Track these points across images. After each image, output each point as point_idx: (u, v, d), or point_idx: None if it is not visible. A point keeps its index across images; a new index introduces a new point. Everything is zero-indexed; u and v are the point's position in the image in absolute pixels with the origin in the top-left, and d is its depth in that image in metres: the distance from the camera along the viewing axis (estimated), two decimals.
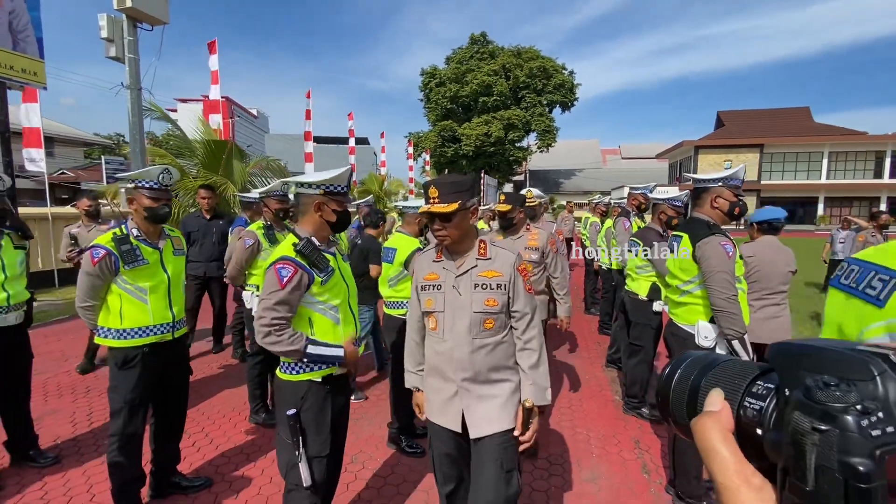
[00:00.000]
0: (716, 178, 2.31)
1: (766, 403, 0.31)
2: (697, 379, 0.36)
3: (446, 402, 1.65)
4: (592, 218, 6.52)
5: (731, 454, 0.30)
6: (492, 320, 1.61)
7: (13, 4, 6.20)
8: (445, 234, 1.60)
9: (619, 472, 2.60)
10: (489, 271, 1.62)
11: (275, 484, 2.46)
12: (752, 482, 0.29)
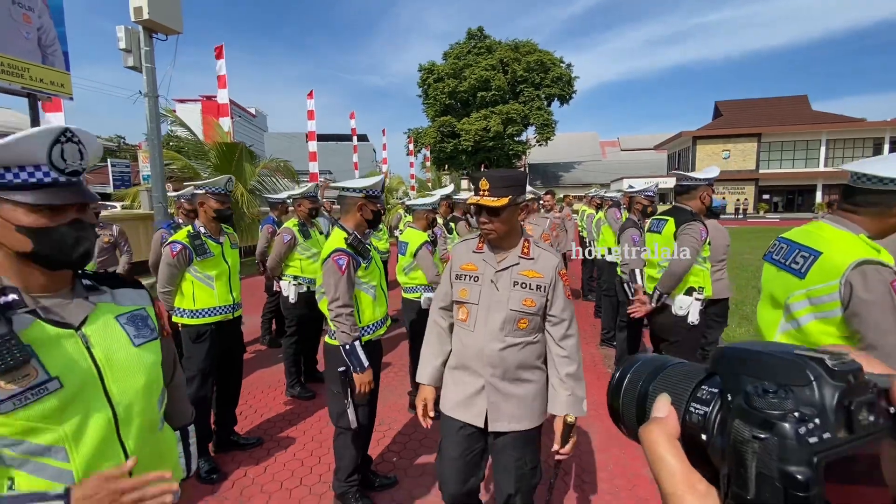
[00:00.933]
0: (706, 179, 2.76)
1: (710, 408, 0.30)
2: (645, 384, 0.36)
3: (471, 397, 1.63)
4: (588, 210, 6.96)
5: (678, 461, 0.30)
6: (526, 321, 1.59)
7: (41, 21, 6.61)
8: (492, 227, 1.58)
9: (609, 427, 3.03)
10: (531, 271, 1.60)
11: (315, 441, 2.91)
12: (698, 489, 0.29)
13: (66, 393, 0.84)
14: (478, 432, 1.64)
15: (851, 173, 1.46)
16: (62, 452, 0.84)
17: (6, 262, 0.85)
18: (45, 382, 0.81)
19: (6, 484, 0.81)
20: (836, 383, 0.25)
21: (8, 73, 6.19)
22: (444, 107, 34.96)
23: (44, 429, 0.82)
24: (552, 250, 1.68)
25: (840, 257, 1.37)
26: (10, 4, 6.27)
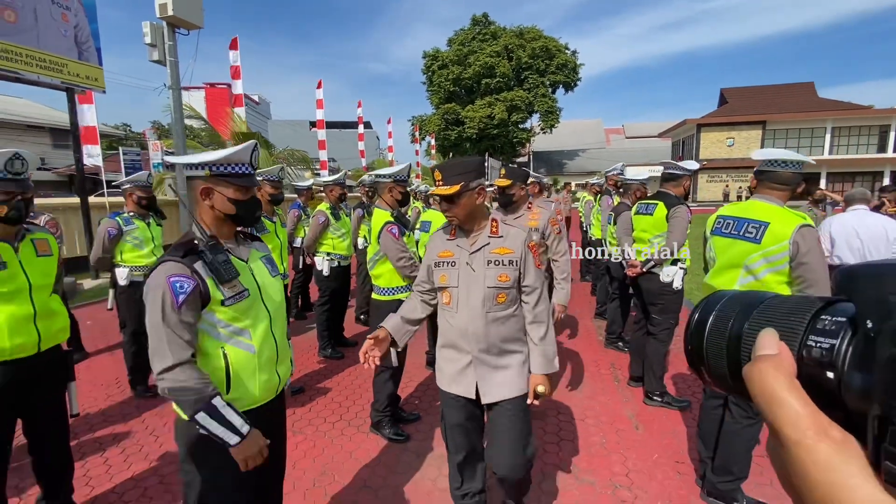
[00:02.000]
0: (690, 170, 3.28)
1: (837, 341, 0.26)
2: (738, 323, 0.32)
3: (460, 372, 1.76)
4: (587, 196, 7.42)
5: (802, 404, 0.26)
6: (504, 295, 1.71)
7: (77, 19, 7.06)
8: (452, 214, 1.71)
9: (597, 382, 3.56)
10: (501, 248, 1.72)
11: (349, 390, 3.47)
12: (832, 435, 0.25)
13: (251, 299, 1.41)
14: (472, 403, 1.79)
15: (764, 160, 2.02)
16: (248, 334, 1.40)
17: (212, 221, 1.41)
18: (242, 291, 1.39)
19: (221, 353, 1.35)
20: None
21: (49, 69, 6.66)
22: (448, 94, 35.06)
23: (241, 318, 1.38)
24: (520, 226, 1.81)
25: (785, 225, 1.94)
26: (51, 4, 6.71)
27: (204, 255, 1.33)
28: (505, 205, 2.91)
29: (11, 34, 6.26)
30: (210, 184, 1.38)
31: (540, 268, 1.77)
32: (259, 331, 1.42)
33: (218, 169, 1.37)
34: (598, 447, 2.67)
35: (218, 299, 1.32)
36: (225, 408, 1.27)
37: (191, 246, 1.34)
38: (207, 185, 1.37)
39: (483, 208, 1.78)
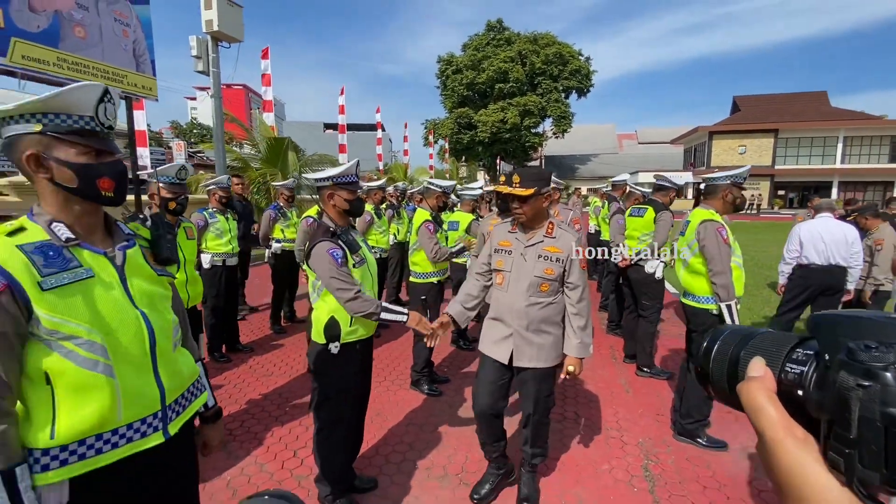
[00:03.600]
0: (678, 184, 3.92)
1: (806, 368, 0.35)
2: (736, 350, 0.41)
3: (501, 341, 2.10)
4: (597, 201, 8.04)
5: (777, 411, 0.34)
6: (547, 285, 2.02)
7: (135, 35, 7.86)
8: (521, 211, 2.01)
9: (597, 360, 4.17)
10: (552, 247, 2.02)
11: (390, 359, 4.13)
12: (796, 434, 0.33)
13: (366, 264, 2.12)
14: (504, 367, 2.11)
15: (704, 178, 2.70)
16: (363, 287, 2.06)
17: (336, 215, 2.07)
18: (363, 259, 2.09)
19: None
20: None
21: (112, 80, 7.45)
22: (461, 98, 35.59)
23: (361, 278, 2.04)
24: (572, 231, 2.12)
25: (695, 220, 2.66)
26: (114, 22, 7.51)
27: (340, 236, 2.00)
28: (504, 210, 3.07)
29: (82, 49, 7.05)
30: (332, 190, 2.05)
31: (584, 268, 2.08)
32: (367, 287, 2.09)
33: (337, 180, 2.05)
34: (595, 404, 3.30)
35: (351, 263, 2.00)
36: (391, 308, 2.05)
37: (329, 231, 2.01)
38: (331, 191, 2.05)
39: (545, 211, 2.09)
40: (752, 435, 0.37)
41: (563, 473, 2.51)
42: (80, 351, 0.96)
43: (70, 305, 0.96)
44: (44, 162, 0.98)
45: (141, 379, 1.06)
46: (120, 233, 1.13)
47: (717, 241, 2.55)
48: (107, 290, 1.03)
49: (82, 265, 1.00)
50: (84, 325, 0.96)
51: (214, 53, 9.18)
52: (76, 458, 0.97)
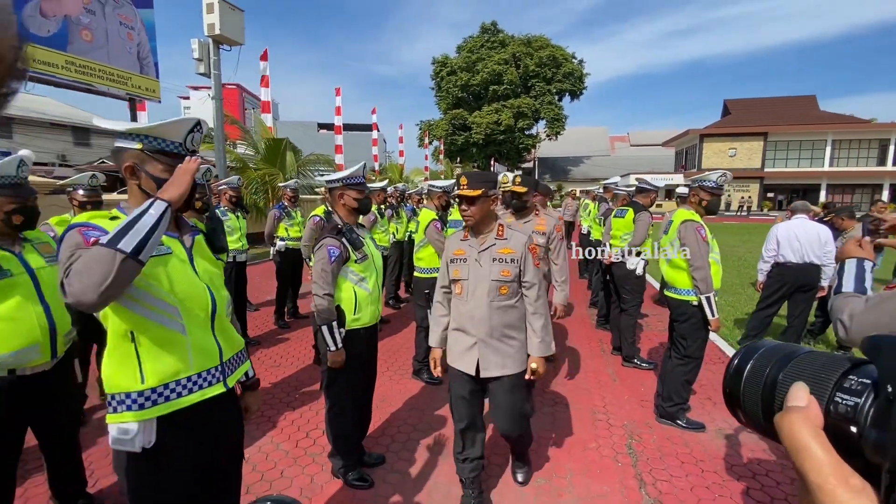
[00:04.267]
0: (657, 186, 4.18)
1: (861, 399, 0.29)
2: (774, 371, 0.35)
3: (465, 351, 2.06)
4: (589, 203, 8.34)
5: (826, 453, 0.29)
6: (506, 287, 2.01)
7: (139, 38, 8.05)
8: (470, 213, 2.01)
9: (587, 352, 4.42)
10: (505, 249, 2.02)
11: (391, 349, 4.35)
12: (852, 483, 0.28)
13: (369, 260, 2.31)
14: (473, 379, 2.08)
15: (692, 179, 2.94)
16: (367, 281, 2.30)
17: (345, 213, 2.29)
18: (366, 255, 2.28)
19: (353, 290, 2.24)
20: None
21: (117, 82, 7.61)
22: (456, 100, 35.86)
23: (364, 271, 2.28)
24: (522, 230, 2.17)
25: (678, 220, 2.91)
26: (119, 26, 7.66)
27: (345, 233, 2.23)
28: (518, 209, 3.11)
29: (88, 52, 7.22)
30: (343, 190, 2.28)
31: (538, 266, 2.07)
32: (371, 281, 2.31)
33: (347, 181, 2.27)
34: (585, 391, 3.55)
35: (353, 259, 2.22)
36: (337, 329, 2.16)
37: (337, 229, 2.23)
38: (342, 191, 2.27)
39: (493, 214, 2.10)
40: (728, 418, 0.40)
41: (555, 449, 2.74)
42: (162, 311, 1.21)
43: (155, 273, 1.20)
44: (136, 172, 1.22)
45: (205, 338, 1.30)
46: (185, 224, 1.38)
47: (696, 238, 2.81)
48: (181, 265, 1.28)
49: (163, 244, 1.25)
50: (164, 289, 1.21)
51: (216, 56, 9.33)
52: (162, 399, 1.22)
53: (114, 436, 1.20)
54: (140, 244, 1.06)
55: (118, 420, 1.19)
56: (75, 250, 1.08)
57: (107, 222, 1.19)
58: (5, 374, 1.74)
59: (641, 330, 4.29)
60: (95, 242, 1.07)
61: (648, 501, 2.30)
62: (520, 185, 2.99)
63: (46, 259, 1.91)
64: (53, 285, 1.88)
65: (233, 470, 1.51)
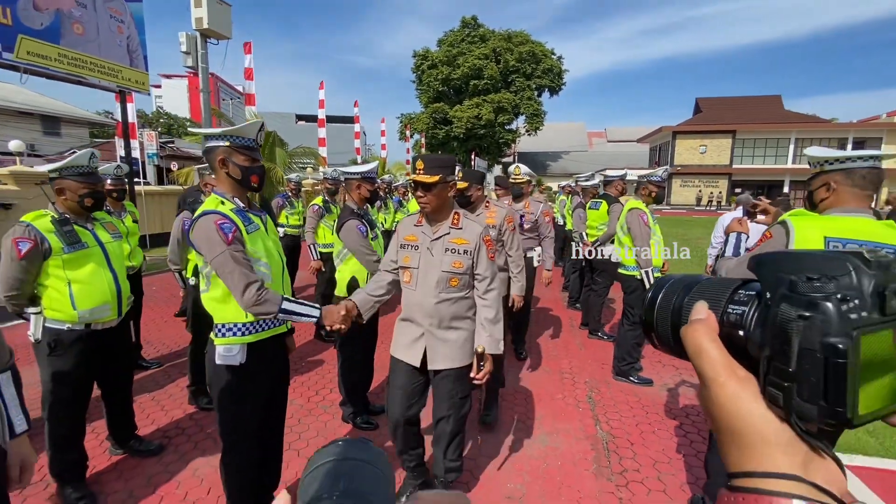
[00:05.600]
0: (621, 176, 4.74)
1: (747, 308, 0.34)
2: (680, 298, 0.40)
3: (412, 343, 1.99)
4: (562, 197, 8.94)
5: (718, 351, 0.34)
6: (457, 279, 1.91)
7: (129, 31, 8.17)
8: (426, 201, 1.88)
9: (558, 327, 4.98)
10: (459, 239, 1.92)
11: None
12: (738, 374, 0.33)
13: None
14: (417, 370, 2.00)
15: (638, 177, 3.48)
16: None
17: (359, 200, 2.75)
18: (376, 235, 2.72)
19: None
20: (873, 272, 0.29)
21: (108, 74, 7.74)
22: (437, 93, 36.02)
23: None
24: (478, 220, 2.06)
25: (626, 209, 3.47)
26: (109, 19, 7.79)
27: (363, 216, 2.69)
28: (463, 205, 2.92)
29: (80, 45, 7.33)
30: (360, 182, 2.74)
31: (492, 259, 1.98)
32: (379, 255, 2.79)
33: (364, 175, 2.74)
34: (554, 357, 4.10)
35: (370, 237, 2.68)
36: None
37: (355, 213, 2.70)
38: (359, 182, 2.73)
39: (451, 201, 1.98)
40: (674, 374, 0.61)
41: (527, 401, 3.28)
42: (262, 268, 1.70)
43: (254, 243, 1.70)
44: (226, 163, 1.66)
45: (276, 288, 1.78)
46: (256, 207, 1.82)
47: (639, 223, 3.38)
48: (265, 236, 1.77)
49: (254, 222, 1.74)
50: (262, 254, 1.71)
51: (203, 50, 9.52)
52: (254, 330, 1.72)
53: (220, 353, 1.68)
54: (285, 313, 1.66)
55: (225, 342, 1.69)
56: (224, 249, 1.59)
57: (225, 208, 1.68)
58: (83, 328, 2.15)
59: (607, 309, 4.88)
60: (234, 235, 1.60)
61: (601, 434, 2.85)
62: (460, 179, 2.79)
63: (112, 235, 2.31)
64: (119, 256, 2.30)
65: (283, 392, 2.00)
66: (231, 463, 1.80)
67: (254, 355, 1.73)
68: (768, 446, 0.30)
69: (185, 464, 2.50)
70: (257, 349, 1.74)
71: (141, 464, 2.48)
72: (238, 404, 1.74)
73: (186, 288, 3.24)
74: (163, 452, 2.59)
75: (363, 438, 0.50)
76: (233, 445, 1.79)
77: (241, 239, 1.64)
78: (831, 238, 1.49)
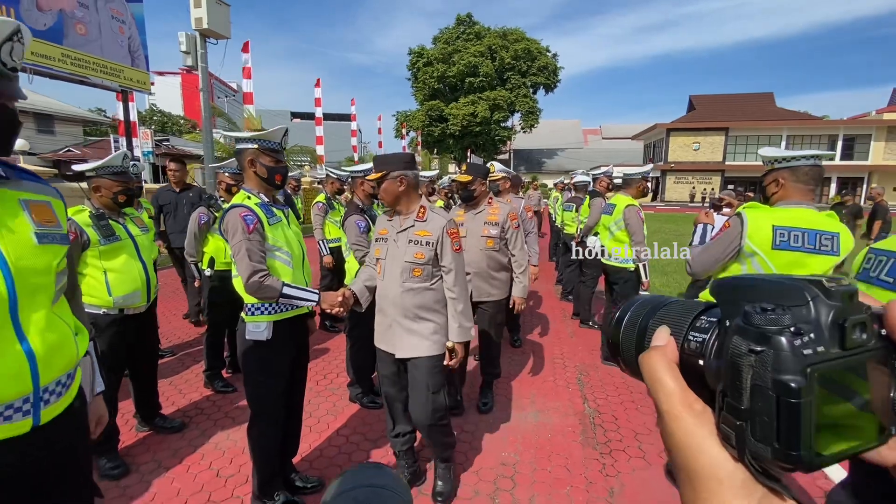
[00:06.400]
0: (604, 173, 4.99)
1: (707, 335, 0.32)
2: (645, 320, 0.38)
3: (385, 331, 2.12)
4: (555, 193, 9.18)
5: (675, 383, 0.32)
6: (419, 270, 2.00)
7: (130, 31, 8.32)
8: (380, 195, 2.09)
9: (551, 317, 5.23)
10: (422, 231, 2.02)
11: None
12: (694, 407, 0.31)
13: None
14: (398, 359, 2.10)
15: (623, 173, 3.72)
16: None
17: (364, 196, 2.98)
18: None
19: None
20: (832, 303, 0.27)
21: (110, 74, 7.88)
22: (432, 91, 36.08)
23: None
24: (444, 214, 2.11)
25: (621, 205, 3.67)
26: (111, 20, 7.92)
27: (366, 211, 2.91)
28: (466, 199, 2.96)
29: (83, 45, 7.48)
30: (363, 179, 2.95)
31: (458, 252, 2.05)
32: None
33: (367, 172, 2.95)
34: (548, 345, 4.35)
35: (371, 231, 2.91)
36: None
37: (359, 209, 2.92)
38: (363, 180, 2.95)
39: (408, 196, 2.05)
40: None
41: (521, 383, 3.53)
42: (282, 255, 1.93)
43: (276, 234, 1.92)
44: (255, 164, 1.88)
45: (298, 273, 2.02)
46: (279, 201, 2.05)
47: (637, 219, 3.61)
48: (287, 227, 2.00)
49: (276, 215, 1.96)
50: (283, 243, 1.94)
51: (203, 49, 9.66)
52: (280, 310, 1.95)
53: (249, 329, 1.91)
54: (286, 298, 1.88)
55: (253, 320, 1.92)
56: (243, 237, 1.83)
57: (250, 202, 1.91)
58: (117, 312, 2.37)
59: (598, 300, 5.14)
60: (255, 226, 1.83)
61: (588, 410, 3.11)
62: (464, 172, 2.92)
63: (140, 229, 2.53)
64: (147, 248, 2.52)
65: (304, 367, 2.23)
66: (258, 429, 2.03)
67: (278, 332, 1.96)
68: (721, 487, 0.29)
69: (207, 438, 2.72)
70: (282, 327, 1.97)
71: (166, 439, 2.71)
72: (264, 375, 1.97)
73: (202, 278, 3.46)
74: (185, 429, 2.81)
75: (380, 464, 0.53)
76: (259, 412, 2.02)
77: (262, 230, 1.88)
78: (778, 226, 1.74)
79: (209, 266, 3.32)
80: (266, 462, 2.07)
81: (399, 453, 2.30)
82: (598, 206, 4.85)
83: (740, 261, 1.84)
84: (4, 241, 0.95)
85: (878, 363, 0.28)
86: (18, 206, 1.02)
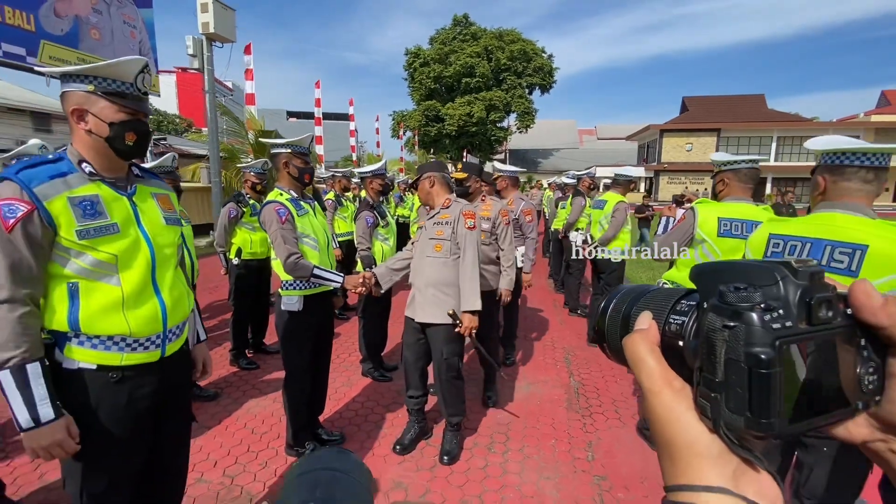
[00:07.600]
0: (589, 174, 5.39)
1: (687, 318, 0.34)
2: (629, 307, 0.40)
3: (412, 301, 2.51)
4: (549, 193, 9.62)
5: (656, 362, 0.34)
6: (440, 245, 2.40)
7: (141, 35, 8.67)
8: (417, 192, 2.63)
9: (544, 307, 5.64)
10: (444, 214, 2.45)
11: None
12: (674, 384, 0.33)
13: None
14: (419, 326, 2.48)
15: (615, 174, 4.12)
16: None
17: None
18: (388, 222, 3.35)
19: None
20: (799, 282, 0.29)
21: None
22: (429, 91, 36.25)
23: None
24: (463, 202, 2.53)
25: (612, 201, 4.11)
26: (122, 24, 8.25)
27: (376, 207, 3.29)
28: (461, 196, 3.06)
29: (97, 49, 7.80)
30: (372, 178, 3.35)
31: (471, 230, 2.40)
32: (391, 240, 3.43)
33: (376, 172, 3.34)
34: (541, 331, 4.75)
35: (380, 225, 3.29)
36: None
37: (369, 205, 3.30)
38: (371, 178, 3.34)
39: (437, 193, 2.52)
40: None
41: (514, 363, 3.92)
42: (310, 241, 2.32)
43: (304, 224, 2.33)
44: (288, 165, 2.31)
45: (324, 257, 2.41)
46: (308, 196, 2.44)
47: (623, 215, 4.05)
48: (314, 218, 2.40)
49: (304, 208, 2.36)
50: (310, 231, 2.34)
51: (209, 52, 9.98)
52: (309, 286, 2.34)
53: (284, 301, 2.32)
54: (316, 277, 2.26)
55: (288, 294, 2.31)
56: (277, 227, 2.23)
57: (282, 198, 2.31)
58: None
59: (585, 291, 5.56)
60: (287, 218, 2.21)
61: (573, 382, 3.52)
62: (460, 170, 3.17)
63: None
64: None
65: (329, 337, 2.62)
66: (291, 388, 2.42)
67: (308, 305, 2.35)
68: (699, 458, 0.30)
69: (240, 406, 3.11)
70: (311, 301, 2.36)
71: (203, 406, 3.09)
72: (297, 341, 2.37)
73: (229, 267, 3.83)
74: (219, 398, 3.19)
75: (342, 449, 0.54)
76: (292, 373, 2.41)
77: (292, 220, 2.29)
78: (722, 218, 2.14)
79: (236, 255, 3.70)
80: (296, 414, 2.46)
81: (411, 411, 2.67)
82: (578, 204, 5.26)
83: (693, 247, 2.24)
84: (147, 223, 1.35)
85: (844, 341, 0.30)
86: (151, 198, 1.41)
